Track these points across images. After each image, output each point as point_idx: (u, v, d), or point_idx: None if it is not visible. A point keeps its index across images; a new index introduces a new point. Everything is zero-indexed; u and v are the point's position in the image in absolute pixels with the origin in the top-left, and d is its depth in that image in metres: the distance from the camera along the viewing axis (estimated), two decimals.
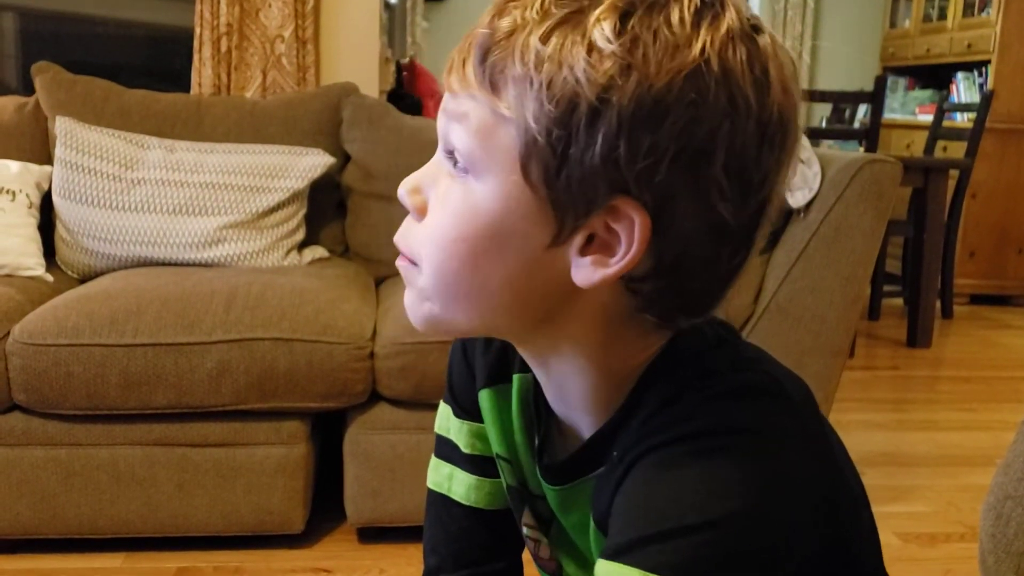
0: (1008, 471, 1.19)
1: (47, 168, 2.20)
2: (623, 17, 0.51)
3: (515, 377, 0.71)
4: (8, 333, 1.73)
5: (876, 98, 3.78)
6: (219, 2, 2.62)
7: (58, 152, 2.16)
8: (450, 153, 0.57)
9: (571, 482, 0.67)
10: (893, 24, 5.72)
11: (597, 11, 0.51)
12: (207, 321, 1.74)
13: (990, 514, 0.89)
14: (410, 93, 3.54)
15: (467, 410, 0.76)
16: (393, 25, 4.41)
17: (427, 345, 1.78)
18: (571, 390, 0.64)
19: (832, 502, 0.62)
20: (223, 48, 2.65)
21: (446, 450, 0.78)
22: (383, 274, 2.34)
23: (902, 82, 5.64)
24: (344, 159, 2.40)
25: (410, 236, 0.60)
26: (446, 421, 0.78)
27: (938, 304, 4.02)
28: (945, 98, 4.66)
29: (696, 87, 0.50)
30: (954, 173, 3.98)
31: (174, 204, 2.12)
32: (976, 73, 4.95)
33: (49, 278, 2.06)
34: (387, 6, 3.65)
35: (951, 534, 2.06)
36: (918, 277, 3.68)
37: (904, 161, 2.18)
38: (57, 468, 1.77)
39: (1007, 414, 2.90)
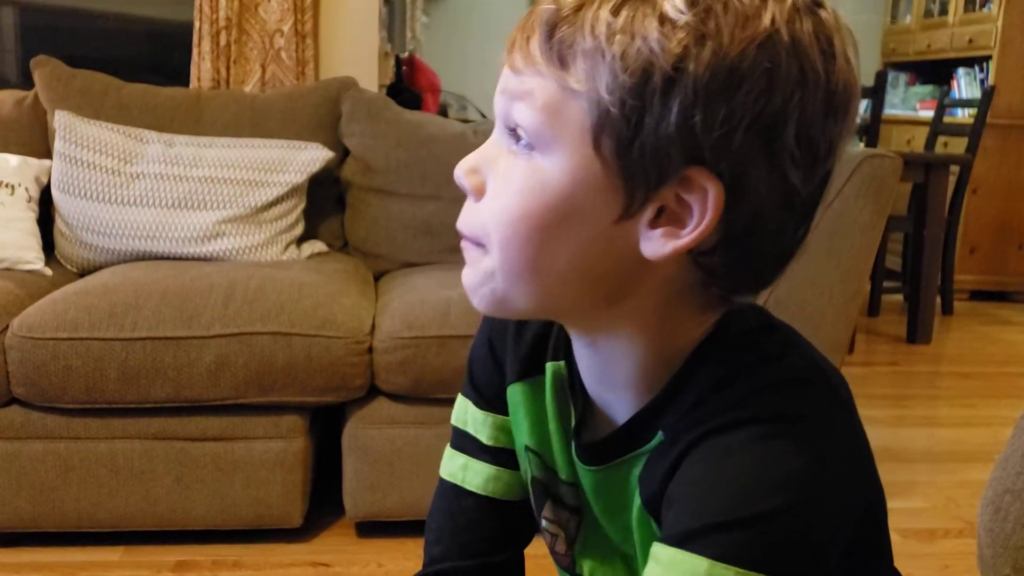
0: (1006, 465, 1.19)
1: (46, 162, 2.20)
2: None
3: (548, 365, 0.71)
4: (7, 327, 1.73)
5: (877, 93, 3.78)
6: None
7: (57, 146, 2.16)
8: (512, 131, 0.57)
9: (611, 462, 0.66)
10: (894, 19, 5.71)
11: None
12: (206, 315, 1.74)
13: (988, 508, 0.89)
14: (409, 87, 3.54)
15: (491, 403, 0.76)
16: (393, 20, 4.40)
17: (426, 340, 1.78)
18: (617, 368, 0.63)
19: (871, 485, 0.63)
20: (222, 42, 2.64)
21: (462, 442, 0.78)
22: (382, 269, 2.34)
23: (903, 77, 5.64)
24: (343, 153, 2.40)
25: (472, 217, 0.60)
26: (464, 414, 0.78)
27: (938, 300, 4.02)
28: (946, 94, 4.65)
29: (768, 56, 0.51)
30: (955, 169, 3.97)
31: (173, 198, 2.12)
32: (977, 69, 4.95)
33: (48, 272, 2.06)
34: (386, 1, 3.65)
35: (950, 530, 2.06)
36: (918, 273, 3.68)
37: (904, 157, 2.17)
38: (56, 462, 1.76)
39: (1006, 410, 2.90)
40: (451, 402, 2.04)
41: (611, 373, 0.64)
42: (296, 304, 1.78)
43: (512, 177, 0.57)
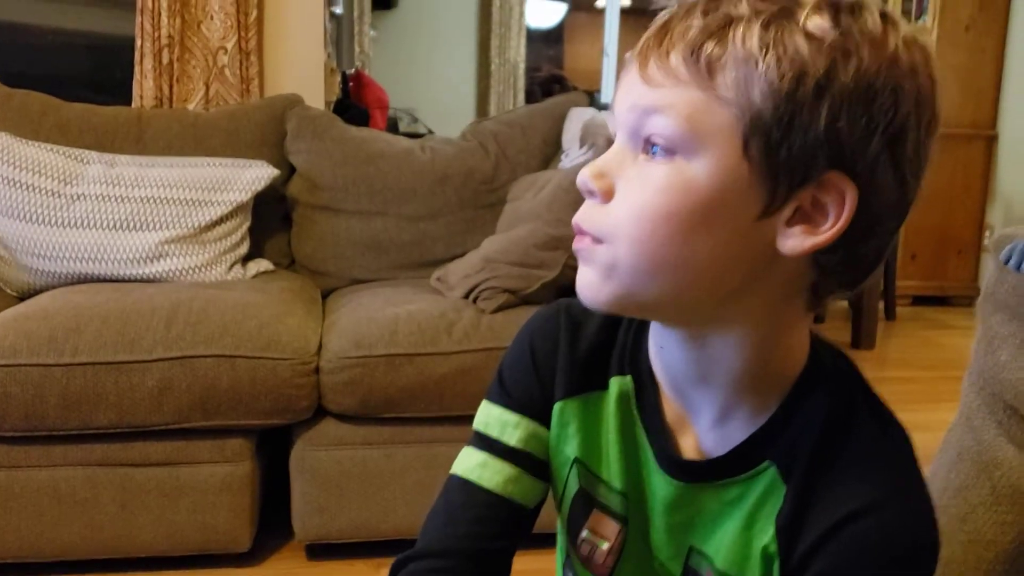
0: (932, 480, 1.23)
1: None
2: (834, 13, 0.59)
3: (613, 380, 0.74)
4: None
5: None
6: (160, 13, 2.59)
7: None
8: (645, 140, 0.61)
9: (709, 480, 0.70)
10: None
11: (807, 8, 0.59)
12: (148, 338, 1.72)
13: None
14: (356, 104, 3.53)
15: (526, 409, 0.76)
16: (340, 35, 4.39)
17: (373, 359, 1.77)
18: (721, 367, 0.67)
19: None
20: (165, 60, 2.62)
21: (484, 443, 0.77)
22: (330, 286, 2.33)
23: None
24: (289, 171, 2.39)
25: (596, 217, 0.64)
26: (489, 417, 0.78)
27: (882, 306, 4.09)
28: None
29: (894, 76, 0.59)
30: None
31: (115, 219, 2.10)
32: None
33: None
34: (333, 16, 3.64)
35: None
36: None
37: None
38: None
39: (947, 414, 2.92)
40: (399, 421, 2.02)
41: (713, 372, 0.68)
42: (240, 326, 1.77)
43: (651, 180, 0.61)
